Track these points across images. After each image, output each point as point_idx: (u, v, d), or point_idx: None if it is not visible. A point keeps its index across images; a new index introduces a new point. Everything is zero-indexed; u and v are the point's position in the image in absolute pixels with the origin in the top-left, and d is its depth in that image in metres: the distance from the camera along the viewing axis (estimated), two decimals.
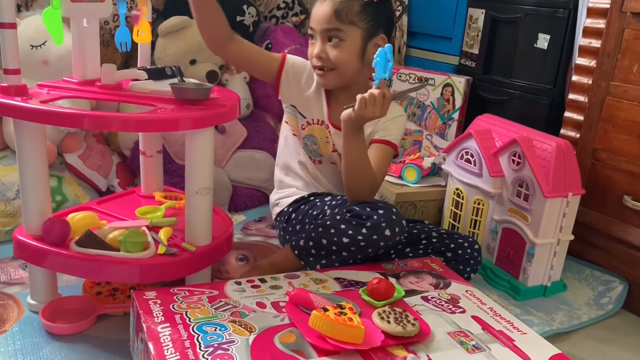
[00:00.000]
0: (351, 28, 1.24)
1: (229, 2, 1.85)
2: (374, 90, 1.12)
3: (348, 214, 1.17)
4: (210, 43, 1.25)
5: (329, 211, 1.26)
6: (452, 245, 1.28)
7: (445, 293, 1.07)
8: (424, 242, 1.31)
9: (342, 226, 1.16)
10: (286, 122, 1.40)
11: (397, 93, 1.20)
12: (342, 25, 1.23)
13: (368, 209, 1.16)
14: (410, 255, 1.29)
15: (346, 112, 1.16)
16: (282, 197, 1.41)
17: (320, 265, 1.18)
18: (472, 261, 1.29)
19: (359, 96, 1.12)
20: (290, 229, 1.35)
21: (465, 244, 1.29)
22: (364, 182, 1.22)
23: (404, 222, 1.17)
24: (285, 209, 1.38)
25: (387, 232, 1.14)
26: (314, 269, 1.18)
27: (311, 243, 1.18)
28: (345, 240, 1.15)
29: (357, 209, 1.17)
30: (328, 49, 1.25)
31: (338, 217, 1.18)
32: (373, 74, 1.14)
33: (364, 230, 1.14)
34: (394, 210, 1.17)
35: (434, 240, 1.30)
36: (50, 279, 1.13)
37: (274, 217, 1.44)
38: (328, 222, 1.18)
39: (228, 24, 1.23)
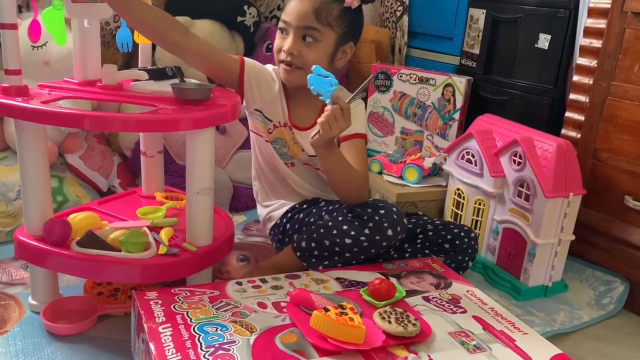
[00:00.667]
0: (328, 30, 1.23)
1: (229, 2, 1.87)
2: (330, 108, 1.10)
3: (349, 215, 1.17)
4: (168, 45, 1.17)
5: (326, 216, 1.26)
6: (449, 237, 1.29)
7: (446, 293, 1.07)
8: (420, 236, 1.31)
9: (345, 227, 1.16)
10: (253, 131, 1.37)
11: (351, 98, 1.18)
12: (320, 25, 1.22)
13: (369, 210, 1.16)
14: (409, 250, 1.30)
15: (314, 140, 1.15)
16: (272, 210, 1.39)
17: (323, 266, 1.18)
18: (469, 250, 1.29)
19: (319, 121, 1.12)
20: (287, 239, 1.33)
21: (462, 234, 1.30)
22: (357, 186, 1.21)
23: (404, 220, 1.17)
24: (279, 222, 1.36)
25: (390, 232, 1.14)
26: (316, 269, 1.18)
27: (313, 244, 1.18)
28: (347, 241, 1.15)
29: (359, 209, 1.17)
30: (301, 46, 1.23)
31: (340, 218, 1.18)
32: (320, 97, 1.11)
33: (366, 231, 1.14)
34: (395, 209, 1.17)
35: (430, 233, 1.31)
36: (51, 279, 1.13)
37: (267, 231, 1.42)
38: (330, 223, 1.18)
39: (174, 19, 1.18)
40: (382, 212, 1.15)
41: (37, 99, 1.02)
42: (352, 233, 1.15)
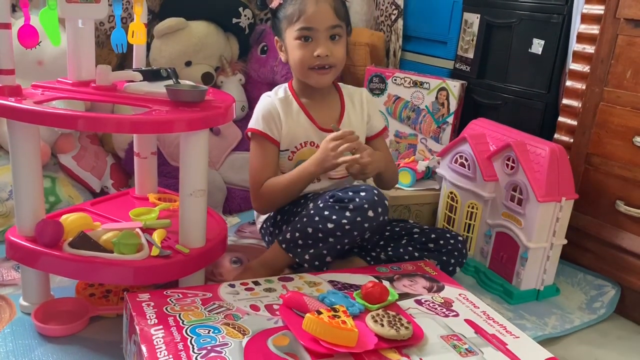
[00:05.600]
0: (343, 24, 1.28)
1: (224, 4, 1.87)
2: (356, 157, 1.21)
3: (331, 200, 1.18)
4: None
5: (310, 204, 1.25)
6: (433, 236, 1.30)
7: (439, 296, 1.08)
8: (405, 237, 1.32)
9: (326, 212, 1.16)
10: None
11: None
12: (340, 21, 1.26)
13: (350, 193, 1.17)
14: (392, 245, 1.31)
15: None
16: None
17: (309, 255, 1.18)
18: (455, 252, 1.29)
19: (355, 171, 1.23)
20: (277, 231, 1.34)
21: (447, 235, 1.30)
22: (395, 173, 1.42)
23: (386, 202, 1.18)
24: (272, 214, 1.37)
25: (370, 213, 1.15)
26: (303, 260, 1.18)
27: (297, 234, 1.18)
28: (330, 225, 1.15)
29: (340, 194, 1.18)
30: (331, 46, 1.26)
31: (321, 205, 1.18)
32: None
33: (347, 214, 1.15)
34: (376, 191, 1.18)
35: (416, 236, 1.32)
36: (42, 280, 1.13)
37: (259, 226, 1.42)
38: (312, 211, 1.19)
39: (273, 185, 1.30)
40: (362, 194, 1.16)
41: (30, 99, 1.01)
42: (334, 217, 1.15)
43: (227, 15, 1.86)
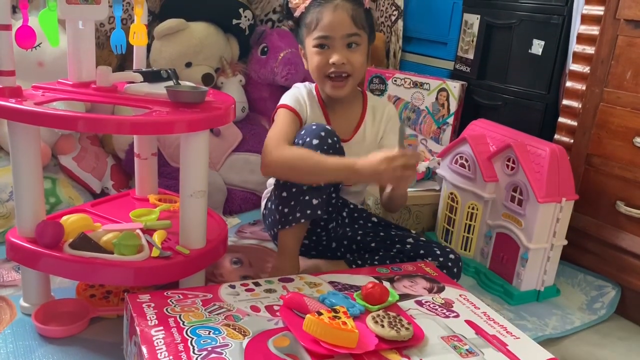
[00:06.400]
0: (363, 33, 1.27)
1: (225, 5, 1.87)
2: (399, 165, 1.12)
3: None
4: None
5: None
6: (422, 252, 1.29)
7: (439, 297, 1.08)
8: (397, 246, 1.32)
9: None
10: None
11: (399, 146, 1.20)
12: (358, 30, 1.25)
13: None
14: (380, 254, 1.32)
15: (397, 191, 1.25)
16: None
17: (299, 212, 1.19)
18: (443, 270, 1.25)
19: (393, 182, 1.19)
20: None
21: (438, 252, 1.28)
22: (406, 196, 1.33)
23: (327, 127, 1.21)
24: (267, 201, 1.38)
25: (315, 141, 1.17)
26: (297, 219, 1.19)
27: (280, 207, 1.21)
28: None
29: None
30: (348, 54, 1.25)
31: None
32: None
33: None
34: (314, 123, 1.22)
35: (409, 246, 1.31)
36: (43, 281, 1.13)
37: (261, 211, 1.44)
38: (277, 184, 1.22)
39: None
40: (301, 133, 1.20)
41: (31, 100, 1.01)
42: None
43: (227, 16, 1.86)
